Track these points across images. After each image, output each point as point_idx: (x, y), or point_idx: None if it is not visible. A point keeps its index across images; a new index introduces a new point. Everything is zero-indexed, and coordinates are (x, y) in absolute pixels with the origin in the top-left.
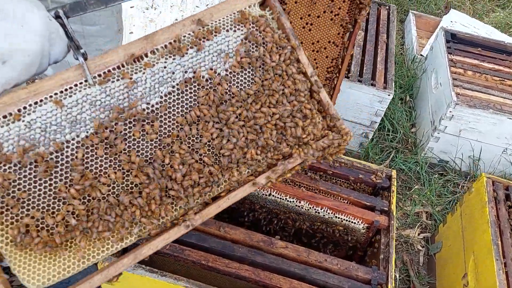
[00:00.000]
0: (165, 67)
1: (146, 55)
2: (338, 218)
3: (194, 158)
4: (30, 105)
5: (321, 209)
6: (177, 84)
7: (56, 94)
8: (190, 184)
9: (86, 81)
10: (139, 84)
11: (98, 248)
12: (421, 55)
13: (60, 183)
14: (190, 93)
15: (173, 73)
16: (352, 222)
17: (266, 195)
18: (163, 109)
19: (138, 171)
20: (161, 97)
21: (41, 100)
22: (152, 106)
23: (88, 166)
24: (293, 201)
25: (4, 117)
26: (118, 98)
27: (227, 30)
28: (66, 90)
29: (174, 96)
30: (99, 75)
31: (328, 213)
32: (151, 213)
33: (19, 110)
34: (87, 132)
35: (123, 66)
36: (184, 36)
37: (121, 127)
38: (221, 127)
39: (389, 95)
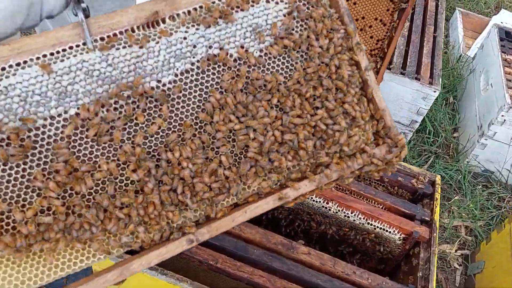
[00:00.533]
0: (185, 38)
1: (164, 21)
2: (371, 225)
3: (208, 156)
4: (10, 66)
5: (351, 213)
6: (198, 61)
7: (45, 56)
8: (201, 189)
9: (84, 44)
10: (150, 56)
11: (76, 256)
12: (466, 55)
13: (37, 169)
14: (213, 74)
15: (195, 46)
16: (386, 231)
17: None
18: (176, 91)
19: (137, 164)
20: (176, 75)
21: (25, 62)
22: (164, 85)
23: (75, 152)
24: (320, 202)
25: None
26: (122, 71)
27: (268, 1)
28: (58, 52)
29: (192, 76)
30: (102, 39)
31: (360, 219)
32: (147, 219)
33: None
34: (78, 108)
35: (133, 31)
36: (213, 2)
37: (121, 107)
38: (247, 122)
39: (434, 91)
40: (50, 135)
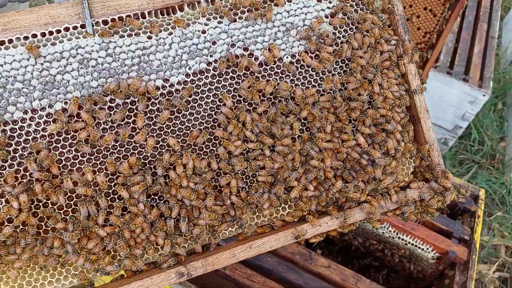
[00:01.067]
0: (203, 32)
1: (181, 8)
2: (402, 239)
3: (214, 176)
4: None
5: (381, 225)
6: (216, 61)
7: (34, 36)
8: (201, 215)
9: (83, 26)
10: (159, 49)
11: (45, 277)
12: None
13: (9, 171)
14: (232, 78)
15: (214, 43)
16: (419, 247)
17: None
18: (185, 94)
19: (127, 177)
20: (187, 75)
21: (10, 41)
22: (171, 85)
23: (57, 155)
24: None
25: None
26: (124, 63)
27: None
28: (50, 33)
29: (206, 78)
30: (105, 22)
31: (390, 231)
32: (133, 243)
33: None
34: (66, 102)
35: (143, 17)
36: None
37: (118, 107)
38: (265, 140)
39: (484, 95)
40: (29, 131)
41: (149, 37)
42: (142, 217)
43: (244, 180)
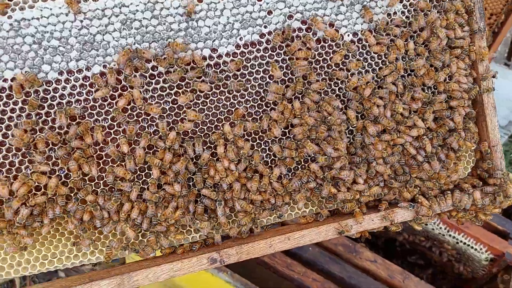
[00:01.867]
0: None
1: None
2: (453, 237)
3: (258, 158)
4: None
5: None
6: (270, 33)
7: None
8: (244, 197)
9: None
10: (209, 15)
11: (71, 250)
12: None
13: (41, 136)
14: (285, 53)
15: (270, 13)
16: (471, 247)
17: None
18: (233, 67)
19: (166, 152)
20: (238, 47)
21: None
22: (219, 56)
23: (90, 122)
24: None
25: None
26: (170, 27)
27: None
28: None
29: (258, 51)
30: None
31: (440, 228)
32: (167, 226)
33: None
34: (105, 66)
35: None
36: None
37: (160, 76)
38: (316, 126)
39: None
40: (63, 94)
41: (200, 0)
42: (174, 204)
43: (288, 167)
